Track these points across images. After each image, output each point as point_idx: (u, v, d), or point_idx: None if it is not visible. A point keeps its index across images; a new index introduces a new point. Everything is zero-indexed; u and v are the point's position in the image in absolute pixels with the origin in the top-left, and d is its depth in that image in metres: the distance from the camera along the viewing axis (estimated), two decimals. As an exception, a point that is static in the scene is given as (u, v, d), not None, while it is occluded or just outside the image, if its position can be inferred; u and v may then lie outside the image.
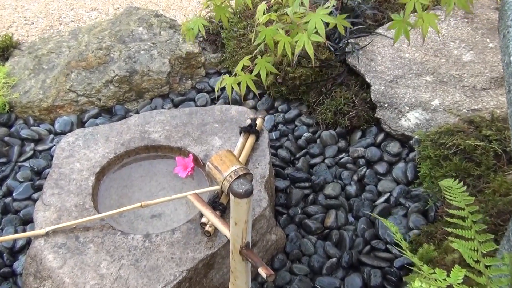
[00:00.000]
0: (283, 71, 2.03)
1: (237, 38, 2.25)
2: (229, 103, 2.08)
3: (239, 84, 1.35)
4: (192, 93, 2.17)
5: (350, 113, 1.88)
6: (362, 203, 1.62)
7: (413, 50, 1.99)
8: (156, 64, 2.13)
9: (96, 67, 2.13)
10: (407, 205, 1.59)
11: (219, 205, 1.31)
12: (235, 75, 1.35)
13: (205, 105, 2.07)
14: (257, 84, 2.23)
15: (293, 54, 1.18)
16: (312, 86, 2.03)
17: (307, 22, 1.14)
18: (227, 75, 1.37)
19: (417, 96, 1.83)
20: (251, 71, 1.37)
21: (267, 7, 1.30)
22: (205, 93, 2.16)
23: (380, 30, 2.12)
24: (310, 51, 1.17)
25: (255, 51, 1.31)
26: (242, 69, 1.38)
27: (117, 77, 2.08)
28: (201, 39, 2.34)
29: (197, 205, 1.25)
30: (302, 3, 1.16)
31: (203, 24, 1.44)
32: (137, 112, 2.07)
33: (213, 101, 2.14)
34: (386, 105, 1.82)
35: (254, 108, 2.09)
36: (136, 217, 1.40)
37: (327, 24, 1.22)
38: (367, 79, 1.91)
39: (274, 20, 1.30)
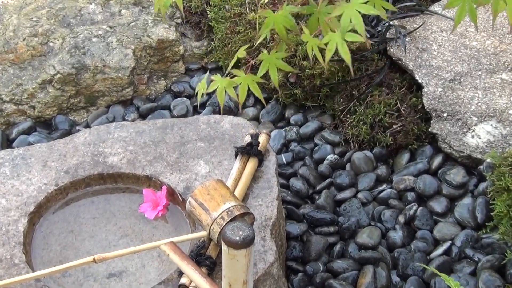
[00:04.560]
0: (297, 67, 2.05)
1: (230, 20, 2.29)
2: (219, 113, 2.11)
3: (235, 88, 1.36)
4: (167, 98, 2.21)
5: (394, 127, 1.91)
6: (412, 256, 1.64)
7: (483, 36, 2.03)
8: (114, 56, 2.18)
9: (28, 62, 2.17)
10: (476, 259, 1.61)
11: (205, 258, 1.33)
12: (230, 75, 1.36)
13: (185, 116, 2.10)
14: (260, 88, 2.25)
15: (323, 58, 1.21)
16: (338, 88, 2.06)
17: (339, 16, 1.16)
18: (218, 75, 1.37)
19: (489, 102, 1.86)
20: (251, 68, 1.39)
21: None
22: (185, 98, 2.19)
23: (435, 7, 2.15)
24: (347, 57, 1.17)
25: (257, 41, 1.33)
26: (237, 64, 1.37)
27: (58, 75, 2.12)
28: (179, 20, 2.38)
29: (174, 258, 1.27)
30: None
31: (182, -2, 1.45)
32: (88, 126, 2.09)
33: (197, 110, 2.17)
34: (445, 114, 1.85)
35: (256, 119, 2.12)
36: (86, 277, 1.41)
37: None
38: (417, 78, 1.95)
39: None
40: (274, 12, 1.26)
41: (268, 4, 1.30)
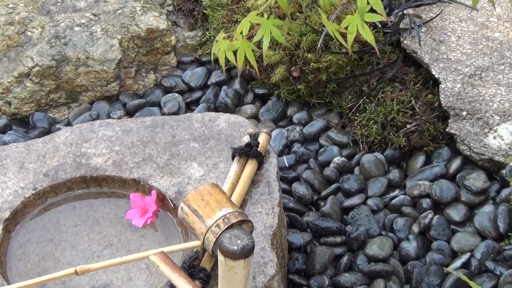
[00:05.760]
0: (301, 59, 2.06)
1: (227, 7, 2.29)
2: (215, 110, 2.12)
3: (235, 53, 1.39)
4: (156, 93, 2.21)
5: (408, 126, 1.91)
6: (427, 269, 1.64)
7: (507, 27, 2.03)
8: (99, 47, 2.18)
9: (4, 53, 2.17)
10: (498, 272, 1.61)
11: (199, 271, 1.33)
12: (232, 40, 1.39)
13: (176, 113, 2.11)
14: (260, 83, 2.26)
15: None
16: (346, 83, 2.06)
17: None
18: (222, 36, 1.39)
19: (512, 100, 1.86)
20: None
21: None
22: (176, 94, 2.19)
23: (453, -6, 2.16)
24: (370, 37, 1.22)
25: (262, 5, 1.34)
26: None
27: (37, 68, 2.12)
28: (170, 7, 2.38)
29: (165, 270, 1.27)
30: None
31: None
32: (69, 124, 2.10)
33: (190, 107, 2.18)
34: (464, 113, 1.86)
35: (255, 117, 2.12)
36: (67, 291, 1.42)
37: None
38: (434, 73, 1.95)
39: None
40: None
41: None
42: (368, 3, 1.17)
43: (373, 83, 2.00)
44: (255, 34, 1.37)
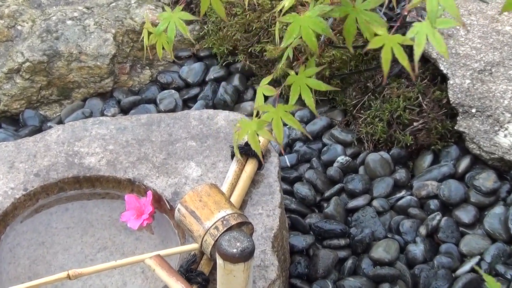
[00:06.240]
0: (303, 54, 2.05)
1: (226, 0, 2.29)
2: (213, 107, 2.11)
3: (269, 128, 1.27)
4: (152, 90, 2.21)
5: (415, 124, 1.91)
6: (435, 273, 1.64)
7: (518, 20, 2.03)
8: (92, 42, 2.18)
9: (-7, 47, 2.18)
10: (509, 276, 1.61)
11: (197, 275, 1.33)
12: (257, 114, 1.26)
13: (173, 110, 2.11)
14: (260, 78, 2.25)
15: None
16: (350, 79, 2.06)
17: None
18: (244, 118, 1.26)
19: (524, 96, 1.86)
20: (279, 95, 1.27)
21: None
22: (173, 91, 2.20)
23: (462, -14, 2.16)
24: (443, 49, 1.04)
25: (280, 64, 1.26)
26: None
27: (27, 63, 2.12)
28: (166, 0, 2.38)
29: (161, 274, 1.27)
30: None
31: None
32: (61, 122, 2.10)
33: (187, 104, 2.17)
34: (473, 110, 1.86)
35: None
36: (59, 296, 1.42)
37: None
38: (442, 68, 1.95)
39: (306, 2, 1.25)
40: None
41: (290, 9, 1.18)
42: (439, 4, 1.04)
43: (379, 79, 2.00)
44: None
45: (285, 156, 1.95)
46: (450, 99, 1.89)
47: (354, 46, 1.98)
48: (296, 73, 1.21)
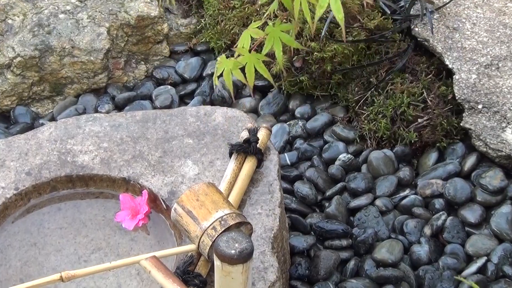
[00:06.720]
0: (304, 48, 2.05)
1: (224, -8, 2.30)
2: (211, 103, 2.12)
3: (242, 69, 1.37)
4: (148, 85, 2.21)
5: (419, 121, 1.92)
6: (440, 274, 1.65)
7: (526, 13, 2.03)
8: (85, 36, 2.18)
9: (-18, 42, 2.18)
10: (517, 278, 1.62)
11: (194, 276, 1.33)
12: (235, 55, 1.37)
13: (169, 107, 2.11)
14: (259, 74, 2.24)
15: (312, 18, 1.21)
16: (353, 74, 2.06)
17: None
18: (224, 55, 1.38)
19: (532, 91, 1.87)
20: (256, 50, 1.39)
21: None
22: (169, 86, 2.20)
23: (468, -22, 2.16)
24: (339, 15, 1.16)
25: (266, 14, 1.33)
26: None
27: (19, 58, 2.12)
28: (162, -7, 2.39)
29: (157, 276, 1.27)
30: None
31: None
32: (53, 119, 2.10)
33: (184, 100, 2.18)
34: (479, 106, 1.86)
35: (254, 111, 2.12)
36: (51, 299, 1.42)
37: None
38: (447, 63, 1.95)
39: None
40: None
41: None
42: None
43: (382, 74, 2.00)
44: (263, 44, 1.36)
45: (285, 154, 1.96)
46: (456, 94, 1.89)
47: (353, 40, 2.00)
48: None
